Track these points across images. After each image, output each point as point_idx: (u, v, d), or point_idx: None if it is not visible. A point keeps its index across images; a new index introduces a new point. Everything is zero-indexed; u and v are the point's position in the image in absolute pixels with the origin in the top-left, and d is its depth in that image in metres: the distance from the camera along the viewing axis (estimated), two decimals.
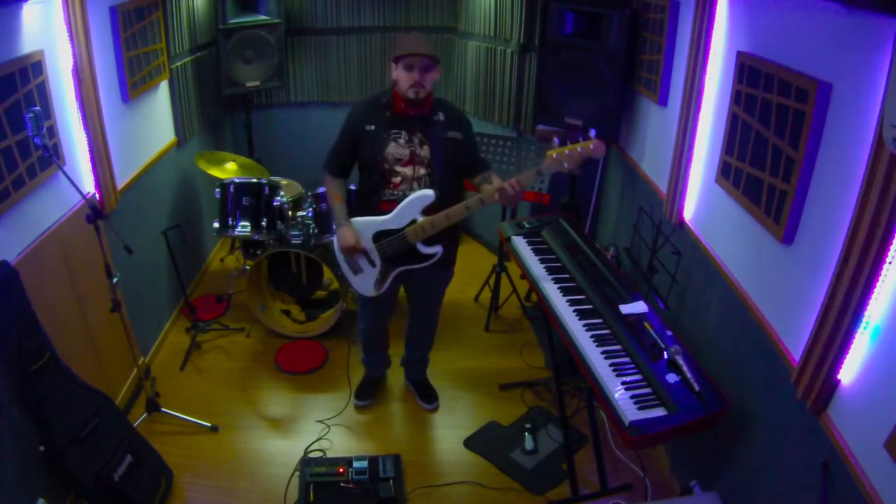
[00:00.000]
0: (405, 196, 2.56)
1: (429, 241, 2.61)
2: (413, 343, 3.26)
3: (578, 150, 2.28)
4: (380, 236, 2.64)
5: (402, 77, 2.47)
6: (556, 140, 2.33)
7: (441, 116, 2.59)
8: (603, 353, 2.26)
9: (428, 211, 2.55)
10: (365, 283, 2.76)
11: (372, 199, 2.65)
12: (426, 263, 2.67)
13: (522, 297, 4.05)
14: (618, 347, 2.30)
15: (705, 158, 2.57)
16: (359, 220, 2.67)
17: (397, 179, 2.59)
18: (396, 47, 2.52)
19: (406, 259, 2.67)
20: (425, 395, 3.29)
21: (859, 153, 1.58)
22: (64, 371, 2.35)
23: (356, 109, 2.65)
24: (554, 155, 2.31)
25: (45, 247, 2.47)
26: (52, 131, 2.51)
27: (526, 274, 2.81)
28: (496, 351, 3.75)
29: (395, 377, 3.41)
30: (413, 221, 2.56)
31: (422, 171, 2.59)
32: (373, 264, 2.70)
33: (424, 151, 2.58)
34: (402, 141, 2.56)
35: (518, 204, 2.52)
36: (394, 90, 2.55)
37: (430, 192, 2.53)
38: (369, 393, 3.29)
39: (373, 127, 2.56)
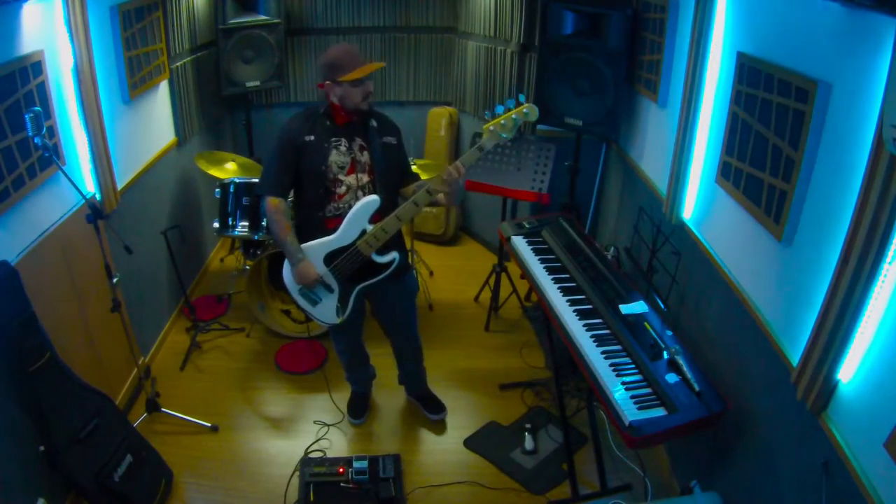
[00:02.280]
0: (349, 208, 2.48)
1: (382, 251, 2.53)
2: (402, 360, 3.17)
3: (513, 116, 2.26)
4: (331, 257, 2.52)
5: (350, 94, 2.41)
6: (487, 113, 2.32)
7: (374, 123, 2.55)
8: (603, 353, 2.27)
9: (375, 218, 2.48)
10: (326, 312, 2.63)
11: (314, 217, 2.53)
12: (385, 274, 2.58)
13: (522, 297, 4.05)
14: (618, 347, 2.30)
15: (705, 158, 2.57)
16: (306, 247, 2.53)
17: (342, 190, 2.50)
18: (340, 69, 2.39)
19: (364, 275, 2.57)
20: (430, 406, 3.22)
21: (859, 153, 1.57)
22: (64, 371, 2.35)
23: (292, 122, 2.54)
24: (490, 128, 2.30)
25: (45, 247, 2.47)
26: (52, 131, 2.51)
27: (526, 274, 2.81)
28: (496, 351, 3.75)
29: (393, 374, 3.40)
30: (363, 232, 2.47)
31: (365, 178, 2.52)
32: (330, 290, 2.58)
33: (365, 157, 2.52)
34: (342, 148, 2.49)
35: (460, 195, 2.44)
36: (331, 102, 2.49)
37: (375, 198, 2.46)
38: (362, 409, 3.23)
39: (312, 137, 2.47)
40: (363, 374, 3.24)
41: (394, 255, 2.56)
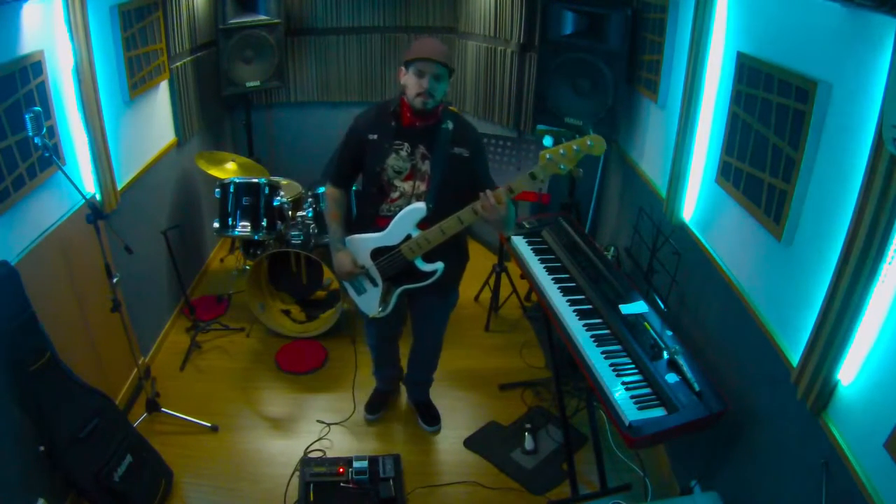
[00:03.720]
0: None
1: (428, 258, 2.48)
2: (415, 365, 3.16)
3: (574, 147, 2.07)
4: (378, 253, 2.52)
5: (410, 83, 2.33)
6: (548, 139, 2.18)
7: (449, 130, 2.41)
8: (603, 353, 2.27)
9: (423, 226, 2.43)
10: (369, 303, 2.66)
11: (369, 212, 2.54)
12: (428, 282, 2.52)
13: (522, 297, 4.05)
14: (618, 347, 2.30)
15: (705, 158, 2.58)
16: (356, 237, 2.56)
17: (395, 195, 2.47)
18: (410, 50, 2.36)
19: (407, 278, 2.54)
20: (427, 416, 3.20)
21: (859, 153, 1.58)
22: (64, 371, 2.35)
23: (361, 116, 2.51)
24: (547, 156, 2.12)
25: (45, 247, 2.47)
26: (52, 131, 2.51)
27: (526, 274, 2.81)
28: (496, 351, 3.75)
29: None
30: (408, 237, 2.44)
31: (422, 187, 2.45)
32: (374, 283, 2.59)
33: (425, 167, 2.43)
34: (403, 153, 2.43)
35: (511, 221, 2.34)
36: (402, 98, 2.41)
37: (421, 206, 2.40)
38: (379, 406, 3.24)
39: (375, 136, 2.43)
40: (388, 373, 3.23)
41: (438, 265, 2.49)
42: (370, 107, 2.56)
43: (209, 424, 3.06)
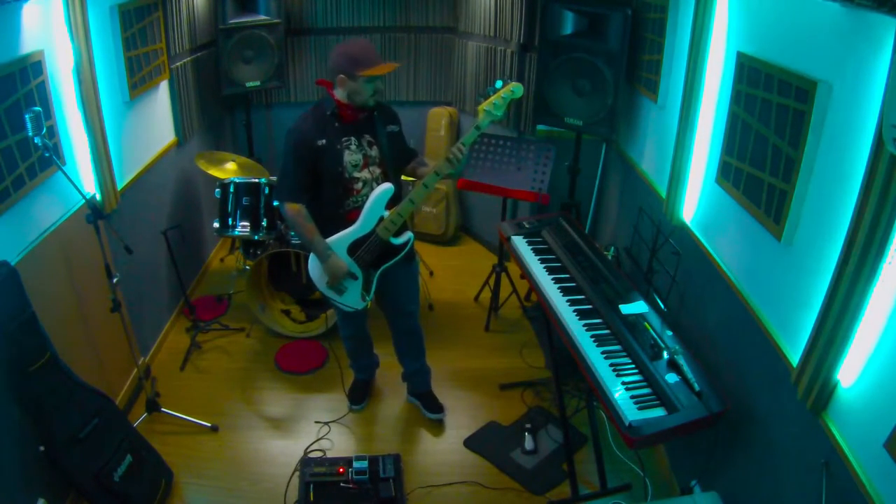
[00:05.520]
0: (366, 199, 2.59)
1: (397, 233, 2.65)
2: (404, 354, 3.18)
3: (502, 96, 2.44)
4: (353, 247, 2.64)
5: (363, 90, 2.46)
6: (479, 97, 2.48)
7: (377, 114, 2.61)
8: (603, 353, 2.27)
9: (389, 205, 2.61)
10: (352, 297, 2.74)
11: (337, 213, 2.63)
12: (403, 253, 2.71)
13: (522, 297, 4.05)
14: (618, 347, 2.30)
15: (705, 158, 2.58)
16: (332, 241, 2.64)
17: (359, 185, 2.61)
18: (360, 63, 2.41)
19: (383, 258, 2.69)
20: (430, 405, 3.22)
21: (859, 153, 1.58)
22: (64, 371, 2.35)
23: (301, 128, 2.53)
24: (485, 108, 2.45)
25: (45, 247, 2.47)
26: (52, 131, 2.51)
27: (526, 274, 2.81)
28: (496, 351, 3.75)
29: (393, 375, 3.40)
30: (381, 219, 2.60)
31: (377, 171, 2.64)
32: (354, 277, 2.69)
33: (374, 151, 2.62)
34: (353, 147, 2.57)
35: (463, 168, 2.62)
36: (336, 100, 2.52)
37: (389, 185, 2.59)
38: (363, 395, 3.29)
39: (324, 141, 2.52)
40: (368, 361, 3.30)
41: (409, 234, 2.71)
42: (302, 117, 2.58)
43: (209, 424, 3.06)
